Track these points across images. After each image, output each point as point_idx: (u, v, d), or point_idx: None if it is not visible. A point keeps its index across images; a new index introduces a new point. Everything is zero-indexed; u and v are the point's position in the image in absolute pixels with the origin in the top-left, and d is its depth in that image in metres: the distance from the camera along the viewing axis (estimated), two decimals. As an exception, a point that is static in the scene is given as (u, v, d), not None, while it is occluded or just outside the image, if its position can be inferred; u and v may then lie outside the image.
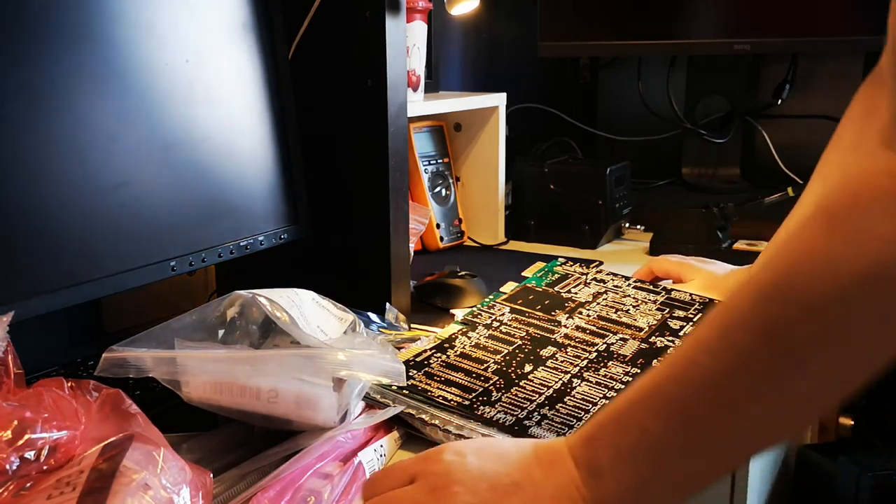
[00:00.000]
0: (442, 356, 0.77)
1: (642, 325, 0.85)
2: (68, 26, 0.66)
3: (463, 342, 0.80)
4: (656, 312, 0.89)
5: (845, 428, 1.69)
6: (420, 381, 0.71)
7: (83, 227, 0.67)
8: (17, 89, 0.62)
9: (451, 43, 1.61)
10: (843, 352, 0.42)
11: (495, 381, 0.72)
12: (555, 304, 0.90)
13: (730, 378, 0.44)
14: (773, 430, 0.46)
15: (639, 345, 0.81)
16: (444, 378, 0.72)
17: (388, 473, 0.55)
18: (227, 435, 0.63)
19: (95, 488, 0.44)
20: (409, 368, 0.73)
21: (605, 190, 1.30)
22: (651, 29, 1.46)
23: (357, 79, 0.87)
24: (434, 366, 0.74)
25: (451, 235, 1.32)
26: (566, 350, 0.80)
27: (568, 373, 0.75)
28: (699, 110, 1.59)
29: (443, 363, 0.75)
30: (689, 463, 0.47)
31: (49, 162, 0.65)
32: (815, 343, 0.42)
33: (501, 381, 0.72)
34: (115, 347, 0.58)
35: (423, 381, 0.71)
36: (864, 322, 0.41)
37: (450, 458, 0.53)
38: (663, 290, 0.95)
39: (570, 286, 0.96)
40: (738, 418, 0.45)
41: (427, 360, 0.75)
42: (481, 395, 0.69)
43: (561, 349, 0.80)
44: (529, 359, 0.77)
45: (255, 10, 0.83)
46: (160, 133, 0.73)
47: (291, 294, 0.67)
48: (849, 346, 0.42)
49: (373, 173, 0.89)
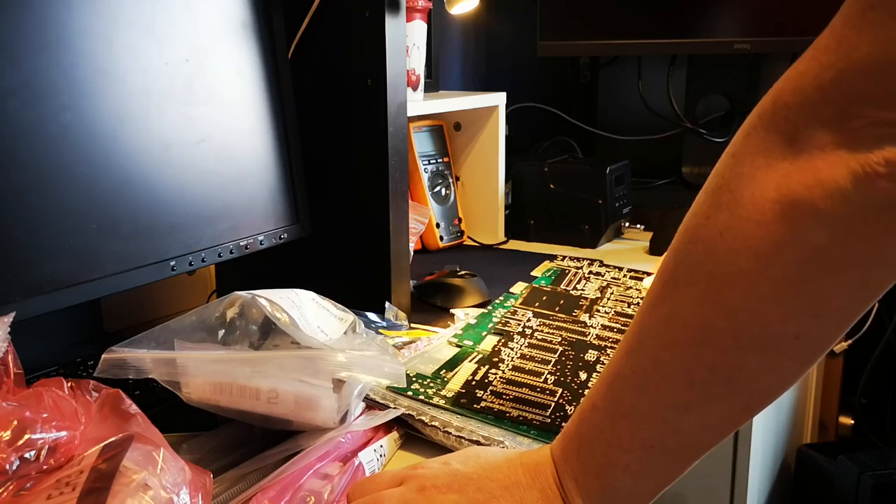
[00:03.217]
0: (498, 372, 0.75)
1: None
2: (67, 25, 0.66)
3: (509, 354, 0.80)
4: None
5: (845, 428, 1.69)
6: (493, 403, 0.69)
7: (83, 226, 0.67)
8: (16, 89, 0.62)
9: (451, 42, 1.61)
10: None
11: (562, 394, 0.71)
12: (570, 303, 0.90)
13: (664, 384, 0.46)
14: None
15: None
16: (513, 396, 0.71)
17: (376, 478, 0.56)
18: (227, 435, 0.63)
19: (95, 488, 0.44)
20: (475, 388, 0.72)
21: (605, 189, 1.30)
22: (651, 28, 1.46)
23: (357, 79, 0.87)
24: (497, 384, 0.73)
25: (450, 235, 1.32)
26: (606, 352, 0.80)
27: None
28: (699, 110, 1.59)
29: (503, 380, 0.74)
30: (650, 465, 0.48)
31: (49, 162, 0.64)
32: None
33: (567, 393, 0.72)
34: (114, 348, 0.58)
35: (496, 403, 0.69)
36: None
37: (437, 465, 0.54)
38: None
39: (574, 282, 0.97)
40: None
41: (486, 379, 0.74)
42: (555, 410, 0.68)
43: (601, 351, 0.80)
44: (578, 365, 0.77)
45: (255, 10, 0.83)
46: (160, 133, 0.73)
47: (291, 294, 0.67)
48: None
49: (373, 173, 0.89)
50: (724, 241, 0.42)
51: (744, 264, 0.41)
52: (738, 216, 0.41)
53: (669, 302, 0.45)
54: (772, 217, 0.40)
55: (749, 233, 0.41)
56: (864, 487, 1.36)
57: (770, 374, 0.44)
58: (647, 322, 0.47)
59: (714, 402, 0.45)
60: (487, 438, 0.63)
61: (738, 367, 0.43)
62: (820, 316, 0.42)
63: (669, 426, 0.46)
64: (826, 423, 1.69)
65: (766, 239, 0.40)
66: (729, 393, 0.44)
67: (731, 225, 0.42)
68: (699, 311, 0.44)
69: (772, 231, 0.40)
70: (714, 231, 0.43)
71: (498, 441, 0.62)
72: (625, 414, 0.47)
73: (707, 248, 0.43)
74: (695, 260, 0.44)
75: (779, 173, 0.40)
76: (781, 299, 0.41)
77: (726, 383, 0.44)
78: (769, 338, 0.42)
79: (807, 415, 1.60)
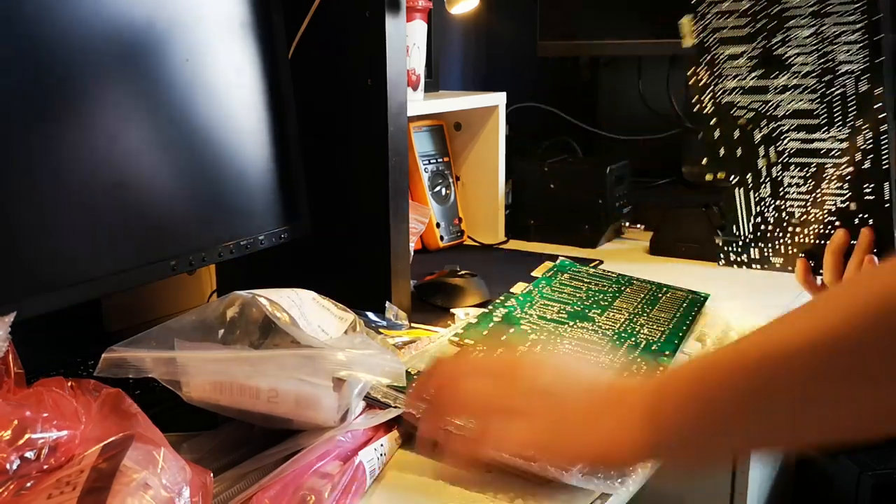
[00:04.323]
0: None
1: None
2: (66, 26, 0.66)
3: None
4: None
5: (845, 427, 1.69)
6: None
7: (83, 226, 0.67)
8: (15, 90, 0.62)
9: (451, 42, 1.61)
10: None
11: None
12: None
13: (816, 380, 0.45)
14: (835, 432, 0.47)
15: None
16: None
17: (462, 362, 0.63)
18: (227, 435, 0.63)
19: (96, 488, 0.44)
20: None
21: (605, 189, 1.30)
22: (651, 28, 1.46)
23: (357, 78, 0.87)
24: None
25: (450, 235, 1.32)
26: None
27: None
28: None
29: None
30: (742, 439, 0.49)
31: (49, 162, 0.64)
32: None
33: None
34: (114, 348, 0.58)
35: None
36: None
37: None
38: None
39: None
40: (807, 415, 0.45)
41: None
42: None
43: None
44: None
45: (255, 10, 0.83)
46: (160, 133, 0.73)
47: (291, 294, 0.67)
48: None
49: (373, 173, 0.89)
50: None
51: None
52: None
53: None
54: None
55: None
56: (864, 487, 1.36)
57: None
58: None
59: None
60: (487, 438, 0.63)
61: None
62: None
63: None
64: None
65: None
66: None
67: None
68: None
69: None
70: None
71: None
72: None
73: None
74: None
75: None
76: None
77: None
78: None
79: (807, 414, 1.59)
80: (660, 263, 1.22)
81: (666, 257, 1.25)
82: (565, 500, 0.59)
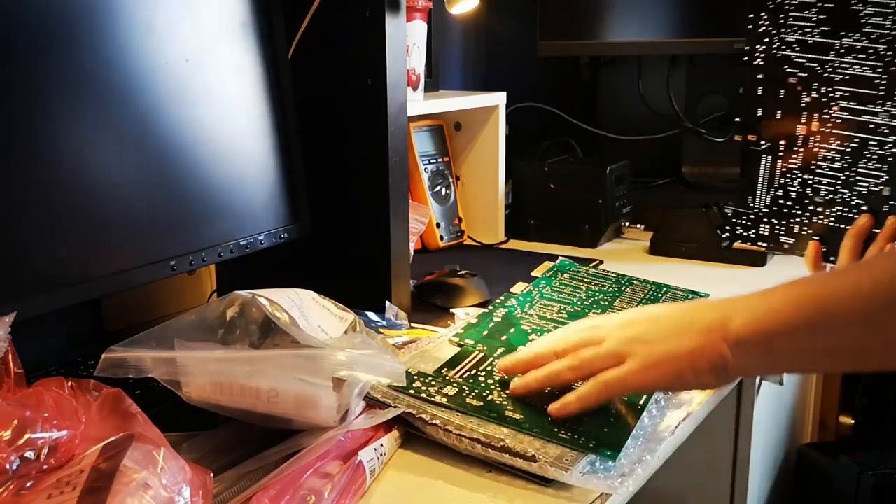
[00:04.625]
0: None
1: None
2: (67, 26, 0.66)
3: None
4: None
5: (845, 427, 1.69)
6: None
7: (83, 226, 0.67)
8: (16, 89, 0.62)
9: (451, 42, 1.61)
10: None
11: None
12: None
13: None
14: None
15: None
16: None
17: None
18: (227, 434, 0.63)
19: (96, 488, 0.44)
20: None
21: (605, 189, 1.30)
22: (651, 28, 1.46)
23: (357, 78, 0.87)
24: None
25: (450, 234, 1.32)
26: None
27: None
28: (699, 110, 1.59)
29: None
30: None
31: (49, 162, 0.65)
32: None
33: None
34: (114, 348, 0.58)
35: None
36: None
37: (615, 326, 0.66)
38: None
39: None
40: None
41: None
42: None
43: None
44: None
45: (255, 10, 0.83)
46: (160, 132, 0.73)
47: (291, 294, 0.67)
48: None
49: (373, 173, 0.89)
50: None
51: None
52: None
53: None
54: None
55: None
56: (864, 487, 1.36)
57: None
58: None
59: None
60: (488, 437, 0.63)
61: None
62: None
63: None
64: (826, 423, 1.69)
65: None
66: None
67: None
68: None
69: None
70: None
71: (499, 439, 0.62)
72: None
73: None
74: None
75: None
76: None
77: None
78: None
79: (807, 414, 1.60)
80: (660, 263, 1.22)
81: (666, 257, 1.25)
82: (565, 500, 0.59)
